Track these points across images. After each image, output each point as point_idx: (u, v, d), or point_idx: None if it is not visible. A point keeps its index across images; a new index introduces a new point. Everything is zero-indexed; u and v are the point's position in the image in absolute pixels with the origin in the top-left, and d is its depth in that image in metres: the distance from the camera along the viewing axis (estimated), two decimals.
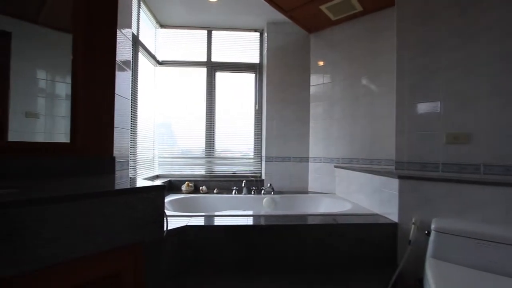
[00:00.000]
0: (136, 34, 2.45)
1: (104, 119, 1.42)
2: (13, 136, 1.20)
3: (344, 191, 2.72)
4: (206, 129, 3.25)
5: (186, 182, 2.91)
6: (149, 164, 2.94)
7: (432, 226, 1.58)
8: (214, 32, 3.29)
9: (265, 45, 3.20)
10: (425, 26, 1.96)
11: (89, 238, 0.85)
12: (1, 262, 0.69)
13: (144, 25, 2.71)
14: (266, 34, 3.18)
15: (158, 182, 2.59)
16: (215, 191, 2.94)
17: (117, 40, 1.47)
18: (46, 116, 1.35)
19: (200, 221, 1.85)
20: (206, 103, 3.26)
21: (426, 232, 1.63)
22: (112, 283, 0.93)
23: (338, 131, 2.89)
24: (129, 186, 0.98)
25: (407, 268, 1.71)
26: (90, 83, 1.37)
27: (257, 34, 3.34)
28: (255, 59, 3.34)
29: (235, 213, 2.15)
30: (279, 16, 2.81)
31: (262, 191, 2.93)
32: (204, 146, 3.25)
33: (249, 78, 3.36)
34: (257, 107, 3.30)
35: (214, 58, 3.28)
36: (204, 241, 1.77)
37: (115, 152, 1.47)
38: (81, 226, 0.83)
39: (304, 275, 1.76)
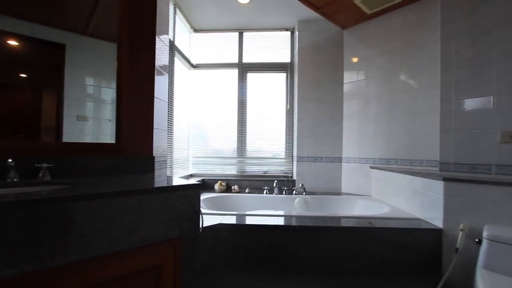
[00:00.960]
0: (172, 39, 2.58)
1: (144, 121, 1.52)
2: (66, 137, 1.34)
3: (380, 193, 2.59)
4: (237, 129, 3.31)
5: (219, 181, 2.99)
6: (184, 164, 3.07)
7: (484, 234, 1.44)
8: (245, 34, 3.33)
9: (296, 44, 3.16)
10: (473, 14, 1.78)
11: (133, 232, 0.92)
12: (55, 250, 0.77)
13: (179, 31, 2.84)
14: (297, 32, 3.15)
15: (193, 181, 2.70)
16: (246, 191, 2.98)
17: (156, 46, 1.56)
18: (94, 119, 1.48)
19: (232, 220, 1.89)
20: (238, 104, 3.32)
21: (477, 240, 1.49)
22: (154, 275, 0.99)
23: (373, 130, 2.75)
24: (167, 184, 1.04)
25: (454, 278, 1.57)
26: (132, 87, 1.47)
27: (288, 33, 3.31)
28: (286, 59, 3.32)
29: (266, 212, 2.16)
30: (311, 14, 2.76)
31: (294, 192, 2.90)
32: (236, 146, 3.31)
33: (280, 77, 3.35)
34: (288, 107, 3.28)
35: (245, 59, 3.33)
36: (236, 239, 1.80)
37: (154, 152, 1.56)
38: (126, 220, 0.90)
39: (337, 278, 1.71)
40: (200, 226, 1.14)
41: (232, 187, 3.01)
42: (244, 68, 3.33)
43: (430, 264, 1.74)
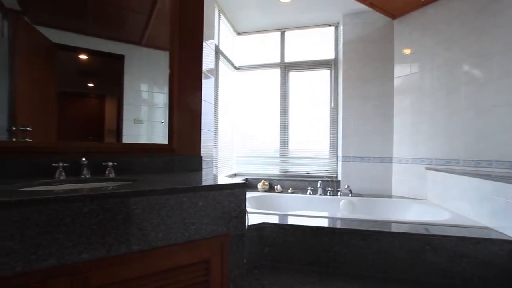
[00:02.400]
0: (217, 43, 2.69)
1: (193, 123, 1.61)
2: (125, 139, 1.49)
3: (439, 197, 2.34)
4: (280, 128, 3.30)
5: (262, 181, 3.02)
6: (228, 163, 3.17)
7: None
8: (287, 33, 3.31)
9: (341, 39, 3.03)
10: None
11: (184, 227, 0.98)
12: (120, 240, 0.86)
13: (223, 34, 2.94)
14: (341, 27, 3.02)
15: (238, 180, 2.78)
16: (289, 191, 2.95)
17: (203, 51, 1.64)
18: (148, 122, 1.61)
19: (276, 219, 1.89)
20: (280, 103, 3.31)
21: None
22: (203, 268, 1.05)
23: (429, 128, 2.50)
24: (215, 183, 1.08)
25: None
26: (182, 92, 1.57)
27: (332, 28, 3.19)
28: (330, 55, 3.20)
29: (310, 213, 2.11)
30: (356, 6, 2.63)
31: (339, 193, 2.79)
32: (279, 146, 3.31)
33: (324, 75, 3.24)
34: (332, 105, 3.16)
35: (287, 59, 3.31)
36: (280, 239, 1.80)
37: (202, 152, 1.65)
38: (178, 216, 0.97)
39: (387, 286, 1.59)
40: (246, 224, 1.17)
41: (275, 186, 3.02)
42: (286, 67, 3.30)
43: (502, 280, 1.51)
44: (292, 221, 1.87)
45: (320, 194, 2.82)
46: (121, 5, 1.52)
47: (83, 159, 1.20)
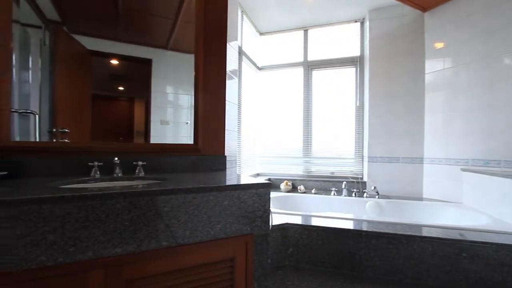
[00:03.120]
0: (240, 44, 2.72)
1: (218, 123, 1.64)
2: (153, 139, 1.55)
3: (476, 201, 2.18)
4: (303, 128, 3.26)
5: (285, 181, 3.01)
6: (251, 163, 3.19)
7: None
8: (310, 31, 3.26)
9: (367, 35, 2.93)
10: None
11: (210, 225, 1.00)
12: (150, 236, 0.90)
13: (246, 35, 2.97)
14: (367, 23, 2.92)
15: (262, 180, 2.79)
16: (313, 191, 2.91)
17: (227, 53, 1.67)
18: (173, 123, 1.66)
19: (300, 220, 1.87)
20: (303, 103, 3.27)
21: None
22: (228, 266, 1.06)
23: (465, 126, 2.34)
24: (239, 183, 1.09)
25: None
26: (207, 93, 1.61)
27: (357, 24, 3.10)
28: (355, 52, 3.11)
29: (335, 215, 2.06)
30: (383, 1, 2.53)
31: (365, 194, 2.69)
32: (302, 146, 3.27)
33: (348, 73, 3.15)
34: (358, 103, 3.07)
35: (310, 57, 3.26)
36: (304, 240, 1.78)
37: (226, 152, 1.67)
38: (204, 214, 0.99)
39: None
40: (270, 224, 1.17)
41: (298, 187, 2.99)
42: (309, 66, 3.26)
43: None
44: (316, 222, 1.84)
45: (345, 195, 2.75)
46: (149, 11, 1.59)
47: (116, 158, 1.27)
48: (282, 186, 2.99)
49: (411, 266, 1.59)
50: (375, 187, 2.67)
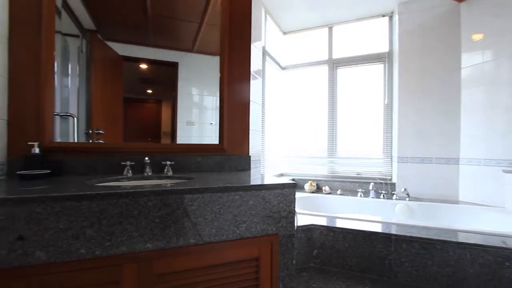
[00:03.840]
0: (264, 45, 2.72)
1: (242, 124, 1.66)
2: (179, 139, 1.60)
3: None
4: (328, 127, 3.19)
5: (309, 182, 2.96)
6: (275, 163, 3.18)
7: None
8: (335, 28, 3.18)
9: (396, 30, 2.79)
10: None
11: (236, 224, 1.01)
12: (179, 233, 0.93)
13: (270, 35, 2.96)
14: (396, 16, 2.78)
15: (286, 180, 2.77)
16: (338, 192, 2.83)
17: (251, 53, 1.68)
18: (198, 123, 1.70)
19: (325, 222, 1.83)
20: (328, 102, 3.20)
21: None
22: (253, 266, 1.07)
23: (507, 124, 2.15)
24: (264, 183, 1.10)
25: None
26: (232, 94, 1.63)
27: (385, 19, 2.97)
28: (383, 48, 2.98)
29: (362, 217, 1.99)
30: None
31: (394, 196, 2.57)
32: (327, 145, 3.20)
33: (375, 70, 3.03)
34: (386, 101, 2.94)
35: (335, 55, 3.18)
36: (329, 242, 1.74)
37: (250, 152, 1.68)
38: (230, 213, 1.00)
39: None
40: (295, 224, 1.16)
41: (323, 188, 2.93)
42: (334, 64, 3.18)
43: None
44: (342, 224, 1.79)
45: (373, 197, 2.65)
46: (176, 16, 1.64)
47: (146, 158, 1.33)
48: (307, 186, 2.95)
49: (446, 274, 1.50)
50: (405, 189, 2.54)
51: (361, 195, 2.69)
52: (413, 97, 2.67)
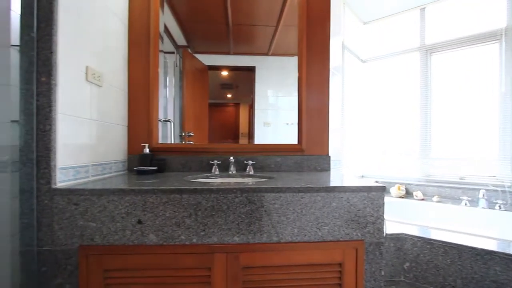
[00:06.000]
0: (342, 39, 2.58)
1: (322, 123, 1.61)
2: (256, 140, 1.67)
3: None
4: (420, 123, 2.78)
5: (397, 185, 2.64)
6: (355, 163, 2.97)
7: None
8: (428, 8, 2.74)
9: None
10: None
11: (318, 226, 0.99)
12: (262, 230, 0.96)
13: (348, 28, 2.79)
14: None
15: (372, 182, 2.56)
16: (434, 199, 2.43)
17: (329, 49, 1.61)
18: (274, 124, 1.73)
19: (417, 231, 1.60)
20: (420, 94, 2.78)
21: None
22: (336, 271, 1.02)
23: None
24: (347, 184, 1.03)
25: None
26: (310, 93, 1.61)
27: None
28: (498, 24, 2.40)
29: (469, 230, 1.65)
30: None
31: None
32: (419, 144, 2.79)
33: (487, 51, 2.47)
34: (503, 89, 2.36)
35: (428, 40, 2.74)
36: (425, 256, 1.51)
37: (330, 151, 1.62)
38: (312, 215, 0.98)
39: None
40: (384, 232, 1.05)
41: (414, 193, 2.57)
42: (427, 50, 2.75)
43: None
44: (442, 236, 1.53)
45: (483, 207, 2.17)
46: (254, 22, 1.72)
47: (231, 158, 1.44)
48: (393, 190, 2.64)
49: None
50: None
51: (466, 204, 2.24)
52: None
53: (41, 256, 0.92)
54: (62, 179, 0.96)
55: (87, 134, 1.12)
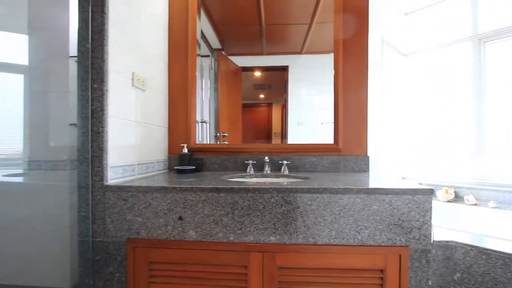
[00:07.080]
0: (381, 33, 2.44)
1: (359, 122, 1.55)
2: (290, 140, 1.65)
3: None
4: (473, 120, 2.51)
5: (444, 188, 2.43)
6: (395, 164, 2.79)
7: None
8: None
9: None
10: None
11: (357, 229, 0.95)
12: (298, 231, 0.95)
13: (388, 21, 2.63)
14: None
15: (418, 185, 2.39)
16: (489, 204, 2.19)
17: (367, 44, 1.54)
18: (308, 123, 1.70)
19: (470, 240, 1.45)
20: (473, 87, 2.52)
21: None
22: (377, 278, 0.97)
23: None
24: (389, 186, 0.97)
25: None
26: (347, 91, 1.55)
27: None
28: None
29: None
30: None
31: None
32: (470, 143, 2.52)
33: None
34: None
35: (482, 28, 2.47)
36: (480, 267, 1.36)
37: (368, 152, 1.54)
38: (351, 217, 0.95)
39: None
40: (431, 238, 0.97)
41: (465, 197, 2.33)
42: (481, 40, 2.48)
43: None
44: (501, 246, 1.37)
45: None
46: (287, 21, 1.71)
47: (266, 158, 1.45)
48: (440, 194, 2.43)
49: None
50: None
51: None
52: None
53: (95, 246, 1.01)
54: (112, 177, 1.04)
55: (133, 136, 1.21)
